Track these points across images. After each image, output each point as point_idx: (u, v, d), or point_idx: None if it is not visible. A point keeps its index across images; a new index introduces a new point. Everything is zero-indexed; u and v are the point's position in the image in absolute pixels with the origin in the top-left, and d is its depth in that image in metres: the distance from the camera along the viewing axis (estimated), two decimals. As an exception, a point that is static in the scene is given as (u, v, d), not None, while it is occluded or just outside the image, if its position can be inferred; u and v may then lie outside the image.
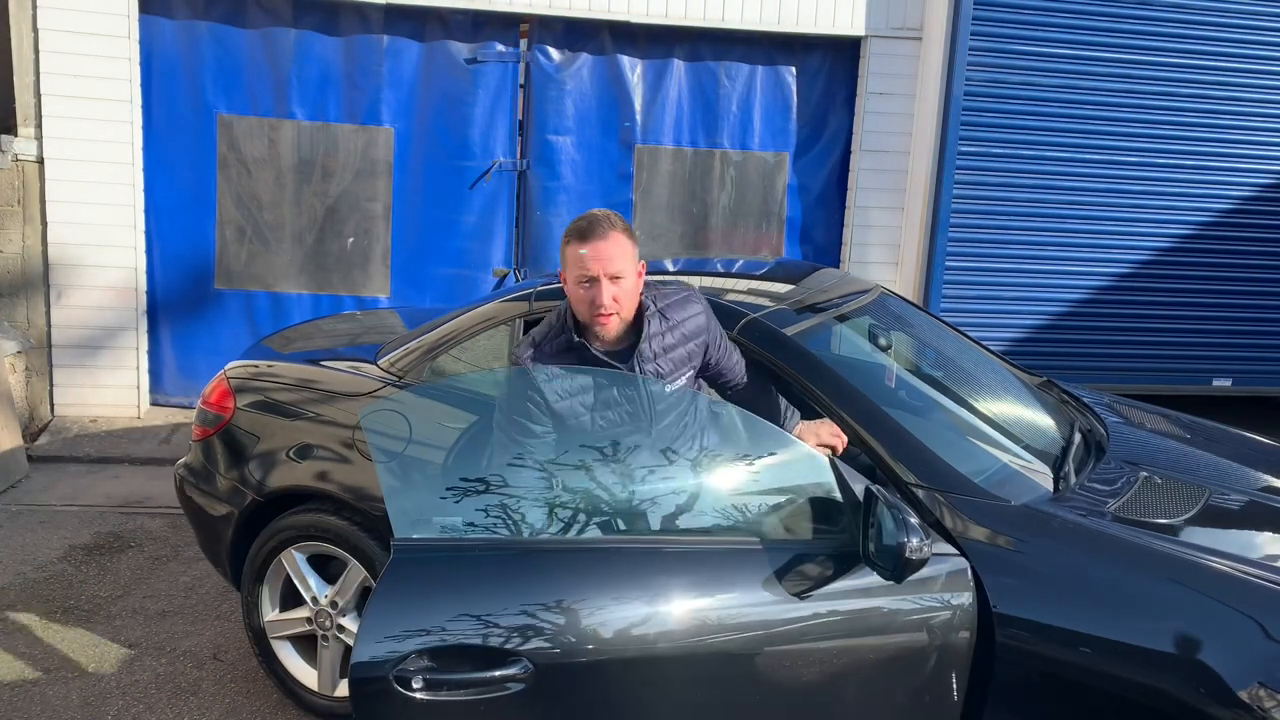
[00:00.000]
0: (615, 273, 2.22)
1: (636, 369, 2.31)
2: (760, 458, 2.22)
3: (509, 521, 2.03)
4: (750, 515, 2.15)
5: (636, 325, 2.34)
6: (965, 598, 2.13)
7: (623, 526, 2.08)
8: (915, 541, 1.91)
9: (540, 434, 2.21)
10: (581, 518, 2.07)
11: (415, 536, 1.93)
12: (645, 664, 1.94)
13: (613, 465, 2.16)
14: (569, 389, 2.25)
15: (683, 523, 2.11)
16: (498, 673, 1.82)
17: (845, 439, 2.46)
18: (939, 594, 2.14)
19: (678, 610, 1.98)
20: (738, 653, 2.01)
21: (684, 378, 2.42)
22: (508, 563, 1.94)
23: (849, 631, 2.08)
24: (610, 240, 2.21)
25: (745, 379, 2.58)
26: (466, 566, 1.92)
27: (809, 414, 2.59)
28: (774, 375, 2.57)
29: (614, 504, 2.10)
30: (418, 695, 1.79)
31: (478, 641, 1.84)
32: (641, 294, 2.36)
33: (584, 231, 2.23)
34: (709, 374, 2.54)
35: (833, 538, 2.11)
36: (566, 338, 2.31)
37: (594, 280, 2.21)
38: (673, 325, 2.38)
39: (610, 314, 2.24)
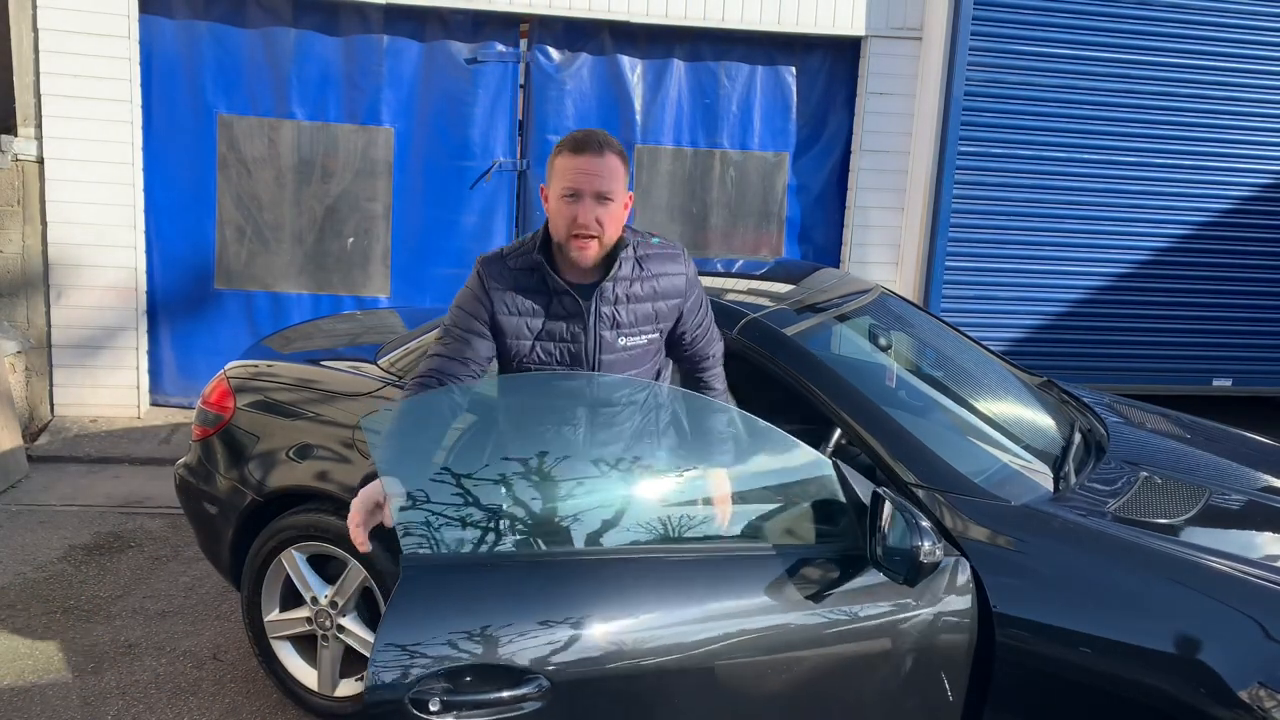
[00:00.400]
0: (603, 192, 2.06)
1: (594, 307, 2.15)
2: (766, 461, 2.20)
3: (521, 534, 1.99)
4: (756, 521, 2.14)
5: (608, 262, 2.17)
6: (965, 598, 2.13)
7: (628, 537, 2.04)
8: (928, 545, 1.90)
9: (480, 331, 2.15)
10: (590, 529, 2.04)
11: (425, 552, 1.89)
12: (661, 676, 1.92)
13: (618, 473, 2.12)
14: (521, 308, 2.16)
15: (690, 530, 2.09)
16: (513, 692, 1.79)
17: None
18: (939, 594, 2.14)
19: (691, 620, 1.96)
20: (751, 660, 1.99)
21: (644, 337, 2.23)
22: (520, 577, 1.90)
23: (855, 635, 2.07)
24: (605, 158, 2.06)
25: (722, 385, 2.42)
26: (479, 582, 1.87)
27: (811, 414, 2.59)
28: (774, 375, 2.57)
29: (620, 514, 2.06)
30: (435, 718, 1.76)
31: (493, 661, 1.80)
32: (624, 233, 2.19)
33: (579, 144, 2.07)
34: (679, 352, 2.36)
35: (836, 541, 2.11)
36: (531, 256, 2.16)
37: (579, 196, 2.06)
38: (646, 276, 2.19)
39: (591, 236, 2.08)
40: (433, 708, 1.74)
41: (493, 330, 2.17)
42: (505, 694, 1.79)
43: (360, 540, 1.90)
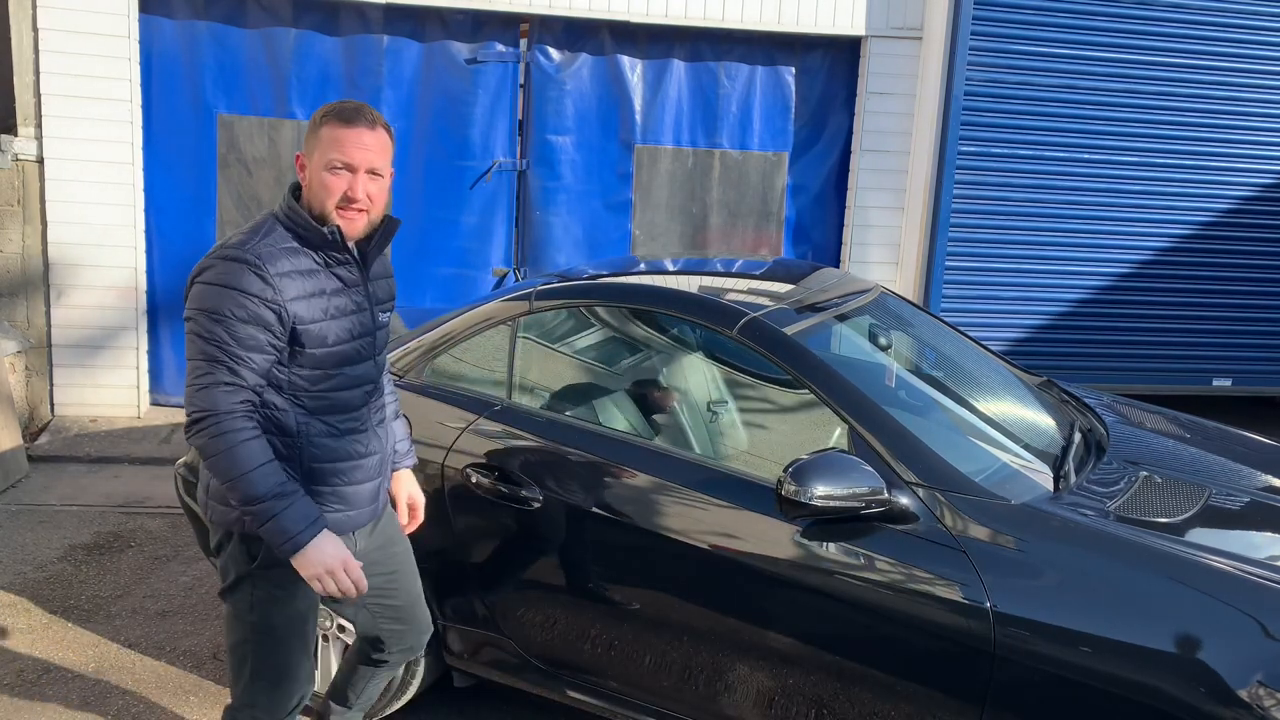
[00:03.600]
0: (375, 168, 2.02)
1: (365, 279, 2.13)
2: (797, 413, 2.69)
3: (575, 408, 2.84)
4: (771, 460, 2.55)
5: (368, 236, 2.10)
6: (965, 596, 2.13)
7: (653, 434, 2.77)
8: (794, 487, 2.20)
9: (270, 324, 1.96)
10: (619, 421, 2.78)
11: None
12: (629, 531, 2.49)
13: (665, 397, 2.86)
14: (310, 288, 2.03)
15: (710, 449, 2.77)
16: (518, 490, 2.62)
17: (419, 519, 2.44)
18: (938, 592, 2.14)
19: (675, 509, 2.46)
20: (712, 555, 2.41)
21: (386, 315, 2.24)
22: (550, 430, 2.69)
23: (845, 594, 2.26)
24: (376, 133, 2.02)
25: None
26: (530, 428, 2.72)
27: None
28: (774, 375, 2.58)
29: (651, 418, 2.78)
30: (473, 487, 2.67)
31: (512, 470, 2.66)
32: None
33: (348, 115, 1.99)
34: None
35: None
36: (315, 231, 2.00)
37: (350, 168, 1.99)
38: (385, 254, 2.18)
39: (362, 210, 2.02)
40: (473, 479, 2.66)
41: (279, 319, 1.97)
42: (515, 490, 2.64)
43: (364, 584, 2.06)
